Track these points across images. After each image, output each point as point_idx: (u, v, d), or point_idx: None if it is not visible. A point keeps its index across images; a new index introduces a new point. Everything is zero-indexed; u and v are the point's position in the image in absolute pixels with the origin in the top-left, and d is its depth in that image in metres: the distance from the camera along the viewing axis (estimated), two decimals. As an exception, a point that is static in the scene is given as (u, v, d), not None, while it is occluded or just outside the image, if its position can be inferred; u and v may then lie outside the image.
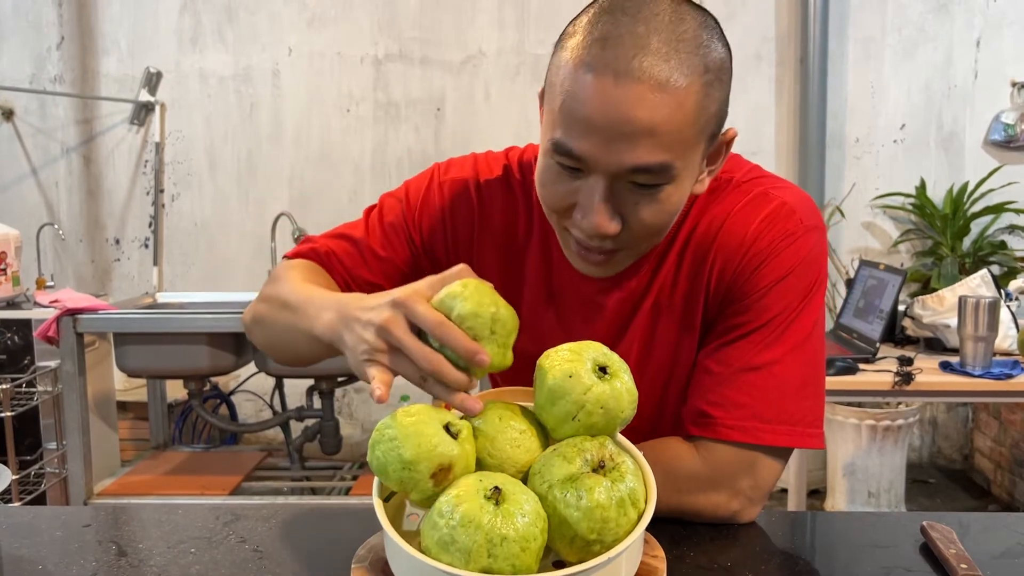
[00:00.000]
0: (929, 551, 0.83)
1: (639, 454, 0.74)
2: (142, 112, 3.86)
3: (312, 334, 0.86)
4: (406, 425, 0.68)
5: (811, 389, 0.90)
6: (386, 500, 0.72)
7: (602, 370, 0.71)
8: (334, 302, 0.83)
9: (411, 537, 0.68)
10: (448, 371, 0.71)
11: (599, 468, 0.68)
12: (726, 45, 0.82)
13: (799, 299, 0.89)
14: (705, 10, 0.81)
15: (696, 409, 0.91)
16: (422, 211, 1.02)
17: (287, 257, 1.06)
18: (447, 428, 0.69)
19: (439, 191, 1.02)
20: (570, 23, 0.82)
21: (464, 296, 0.72)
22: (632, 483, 0.67)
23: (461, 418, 0.72)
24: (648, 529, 0.73)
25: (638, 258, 0.91)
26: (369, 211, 1.06)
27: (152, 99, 3.84)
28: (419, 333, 0.73)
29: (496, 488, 0.64)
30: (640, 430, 0.97)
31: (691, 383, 0.94)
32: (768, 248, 0.89)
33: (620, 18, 0.77)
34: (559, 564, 0.68)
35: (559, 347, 0.74)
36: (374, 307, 0.75)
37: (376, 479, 0.71)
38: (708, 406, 0.90)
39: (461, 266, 0.77)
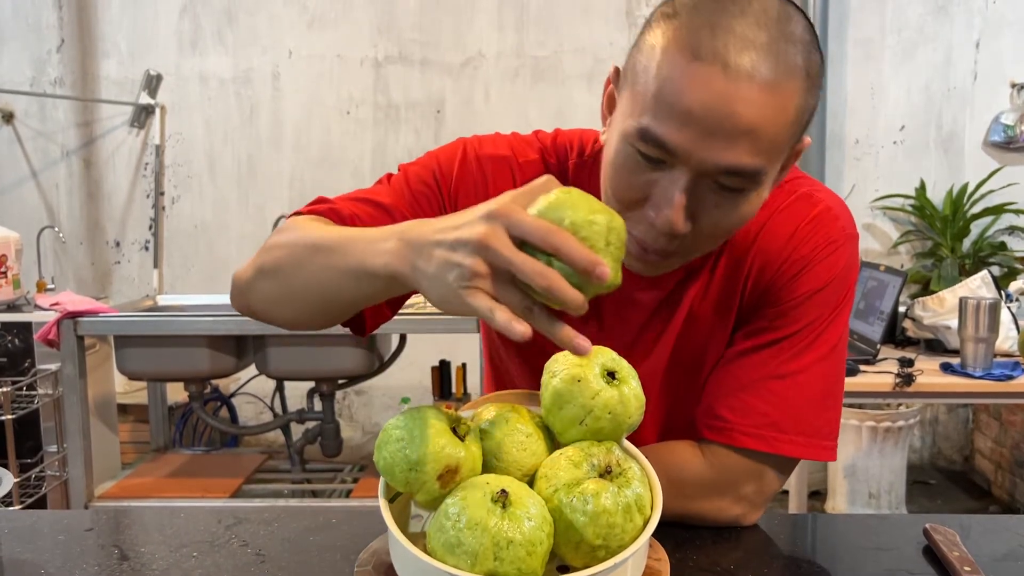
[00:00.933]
0: (932, 553, 0.83)
1: (645, 460, 0.73)
2: (142, 115, 3.86)
3: (364, 270, 0.71)
4: (413, 426, 0.68)
5: (831, 401, 0.89)
6: (391, 501, 0.72)
7: (610, 375, 0.71)
8: (394, 231, 0.70)
9: (416, 539, 0.68)
10: (565, 288, 0.60)
11: (605, 474, 0.68)
12: (820, 51, 0.78)
13: (831, 310, 0.88)
14: (804, 12, 0.77)
15: (713, 411, 0.89)
16: (459, 182, 0.93)
17: (297, 213, 0.91)
18: (454, 430, 0.69)
19: (477, 164, 0.94)
20: (664, 3, 0.77)
21: (571, 204, 0.63)
22: (638, 489, 0.67)
23: (469, 419, 0.72)
24: (651, 532, 0.73)
25: (686, 259, 0.85)
26: (389, 178, 0.96)
27: (152, 102, 3.84)
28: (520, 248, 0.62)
29: (503, 491, 0.64)
30: (653, 428, 0.96)
31: (710, 382, 0.92)
32: (811, 255, 0.87)
33: (728, 7, 0.72)
34: (563, 569, 0.68)
35: (567, 351, 0.74)
36: (461, 224, 0.63)
37: (382, 480, 0.71)
38: (727, 410, 0.88)
39: (547, 177, 0.68)
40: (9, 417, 2.54)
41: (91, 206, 3.97)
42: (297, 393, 3.59)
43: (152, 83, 3.83)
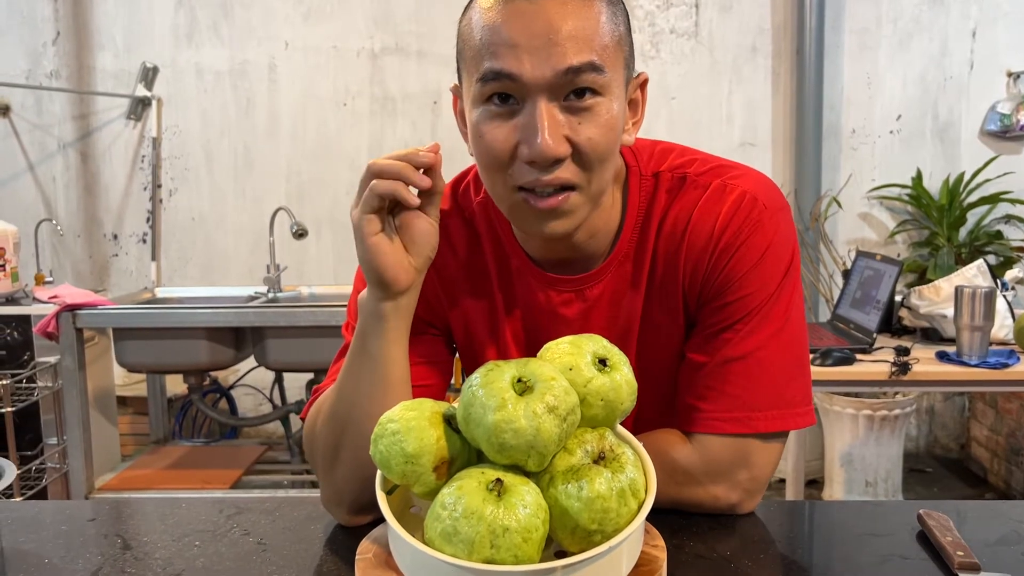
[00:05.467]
0: (926, 539, 0.84)
1: (639, 444, 0.74)
2: (138, 107, 3.86)
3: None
4: (408, 419, 0.69)
5: (796, 369, 0.91)
6: (389, 493, 0.72)
7: (602, 362, 0.72)
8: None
9: (414, 529, 0.69)
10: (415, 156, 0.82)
11: (599, 459, 0.68)
12: None
13: (775, 282, 0.90)
14: None
15: (687, 404, 0.91)
16: None
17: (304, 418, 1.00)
18: (448, 422, 0.70)
19: None
20: (466, 6, 0.87)
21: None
22: (632, 474, 0.68)
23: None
24: (648, 519, 0.74)
25: (591, 209, 0.87)
26: (347, 325, 1.00)
27: (148, 94, 3.84)
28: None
29: (498, 480, 0.65)
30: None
31: (680, 378, 0.94)
32: (735, 240, 0.89)
33: None
34: (561, 554, 0.69)
35: (559, 340, 0.75)
36: None
37: (379, 472, 0.72)
38: (698, 400, 0.90)
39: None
40: (9, 410, 2.55)
41: (88, 199, 3.97)
42: (296, 384, 3.60)
43: (148, 75, 3.82)
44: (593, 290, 0.96)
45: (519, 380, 0.67)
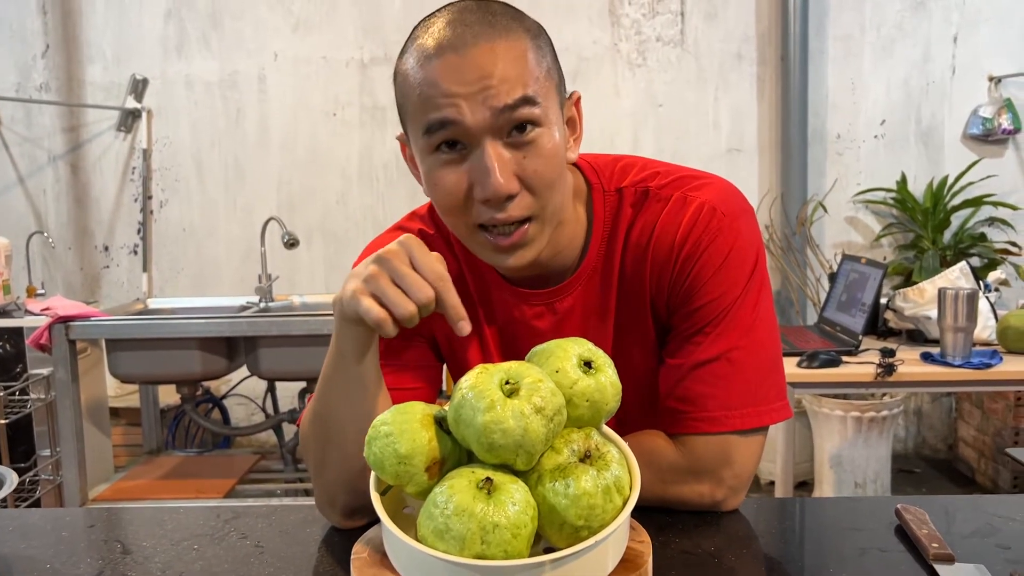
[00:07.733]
0: (903, 532, 0.87)
1: (624, 444, 0.77)
2: (129, 119, 3.87)
3: (330, 348, 0.87)
4: (401, 421, 0.72)
5: (769, 365, 0.94)
6: (383, 494, 0.75)
7: (587, 365, 0.75)
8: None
9: (408, 527, 0.71)
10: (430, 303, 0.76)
11: (585, 458, 0.71)
12: (528, 17, 0.91)
13: (740, 285, 0.93)
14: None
15: (667, 407, 0.95)
16: None
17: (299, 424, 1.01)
18: (439, 423, 0.73)
19: None
20: (397, 60, 0.90)
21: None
22: (617, 471, 0.71)
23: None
24: (635, 516, 0.77)
25: (550, 233, 0.91)
26: None
27: (138, 106, 3.86)
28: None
29: (488, 479, 0.68)
30: None
31: (660, 382, 0.98)
32: (696, 249, 0.93)
33: (436, 21, 0.86)
34: (549, 550, 0.71)
35: (545, 343, 0.77)
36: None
37: (373, 473, 0.74)
38: (677, 402, 0.93)
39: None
40: (2, 422, 2.56)
41: (79, 211, 3.98)
42: (288, 393, 3.61)
43: (138, 87, 3.84)
44: (563, 303, 0.99)
45: (507, 382, 0.70)
